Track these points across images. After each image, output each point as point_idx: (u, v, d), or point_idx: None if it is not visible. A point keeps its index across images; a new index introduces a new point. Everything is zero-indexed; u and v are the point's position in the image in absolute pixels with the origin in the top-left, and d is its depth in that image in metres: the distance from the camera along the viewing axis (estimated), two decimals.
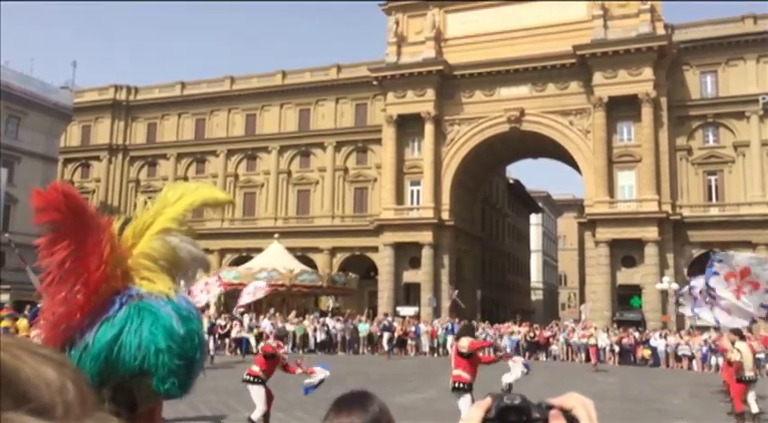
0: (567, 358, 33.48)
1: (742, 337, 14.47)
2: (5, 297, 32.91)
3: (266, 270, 36.85)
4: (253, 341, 25.99)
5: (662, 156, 41.06)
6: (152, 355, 1.16)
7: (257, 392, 10.50)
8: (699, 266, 42.40)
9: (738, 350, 13.10)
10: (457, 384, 9.72)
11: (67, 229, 1.16)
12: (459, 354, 9.84)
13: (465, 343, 9.80)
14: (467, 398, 9.58)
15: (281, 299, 38.16)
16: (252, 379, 10.50)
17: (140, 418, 1.20)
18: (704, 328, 33.86)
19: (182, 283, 1.38)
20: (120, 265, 1.24)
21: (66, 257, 1.17)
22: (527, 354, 32.97)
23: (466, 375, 9.72)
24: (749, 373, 13.12)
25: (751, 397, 13.52)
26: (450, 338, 32.76)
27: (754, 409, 13.44)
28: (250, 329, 28.36)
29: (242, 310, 31.13)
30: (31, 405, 0.58)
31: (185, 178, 55.61)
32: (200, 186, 1.47)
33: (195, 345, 1.22)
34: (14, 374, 0.59)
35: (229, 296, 37.77)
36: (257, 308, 35.78)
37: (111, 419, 0.65)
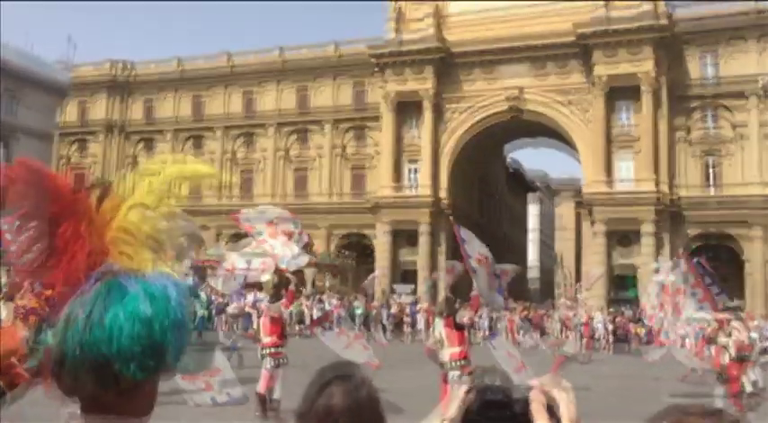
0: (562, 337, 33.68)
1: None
2: None
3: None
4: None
5: (661, 137, 40.96)
6: (114, 338, 1.10)
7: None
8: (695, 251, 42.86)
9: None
10: (460, 362, 9.37)
11: (39, 205, 1.14)
12: (458, 327, 9.46)
13: (464, 314, 9.68)
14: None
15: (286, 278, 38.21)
16: (285, 360, 10.22)
17: (130, 395, 1.16)
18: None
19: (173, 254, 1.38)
20: (99, 239, 1.23)
21: (41, 235, 1.15)
22: (521, 332, 33.23)
23: (465, 350, 9.46)
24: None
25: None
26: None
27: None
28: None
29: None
30: None
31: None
32: (181, 160, 1.46)
33: (164, 326, 1.13)
34: None
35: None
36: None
37: None
